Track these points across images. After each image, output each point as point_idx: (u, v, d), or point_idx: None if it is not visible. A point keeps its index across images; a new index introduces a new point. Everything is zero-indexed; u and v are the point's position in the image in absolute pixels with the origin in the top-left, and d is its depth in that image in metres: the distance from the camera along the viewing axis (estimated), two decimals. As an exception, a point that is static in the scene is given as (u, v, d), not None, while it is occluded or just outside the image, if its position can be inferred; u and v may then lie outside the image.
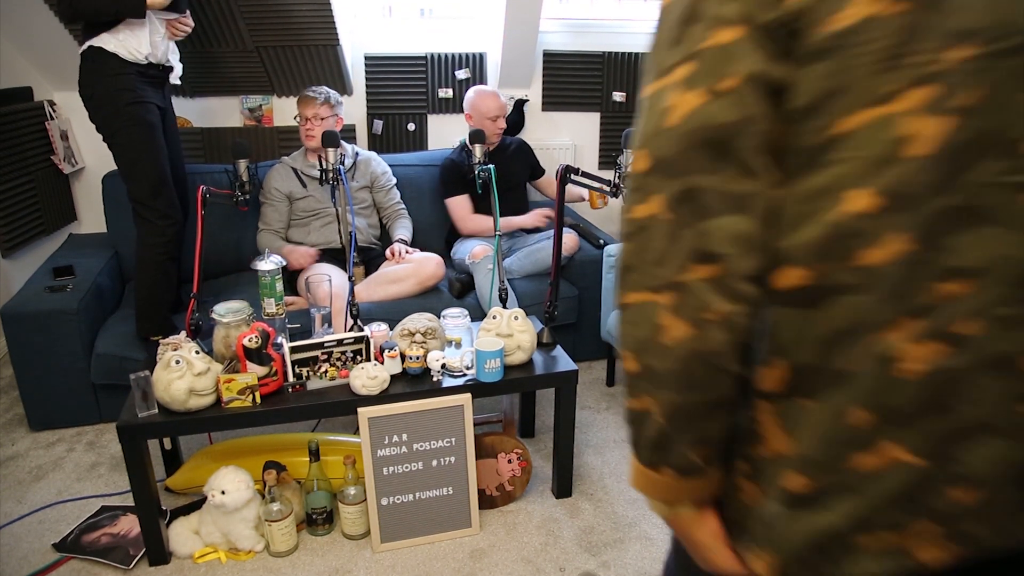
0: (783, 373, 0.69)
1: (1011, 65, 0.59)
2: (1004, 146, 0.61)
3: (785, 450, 0.70)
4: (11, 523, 2.10)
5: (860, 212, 0.62)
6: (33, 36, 2.90)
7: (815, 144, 0.63)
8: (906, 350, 0.64)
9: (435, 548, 2.01)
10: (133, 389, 1.82)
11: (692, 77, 0.64)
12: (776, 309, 0.68)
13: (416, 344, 2.03)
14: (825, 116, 0.62)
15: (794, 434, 0.69)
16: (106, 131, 2.39)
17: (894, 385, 0.65)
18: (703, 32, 0.64)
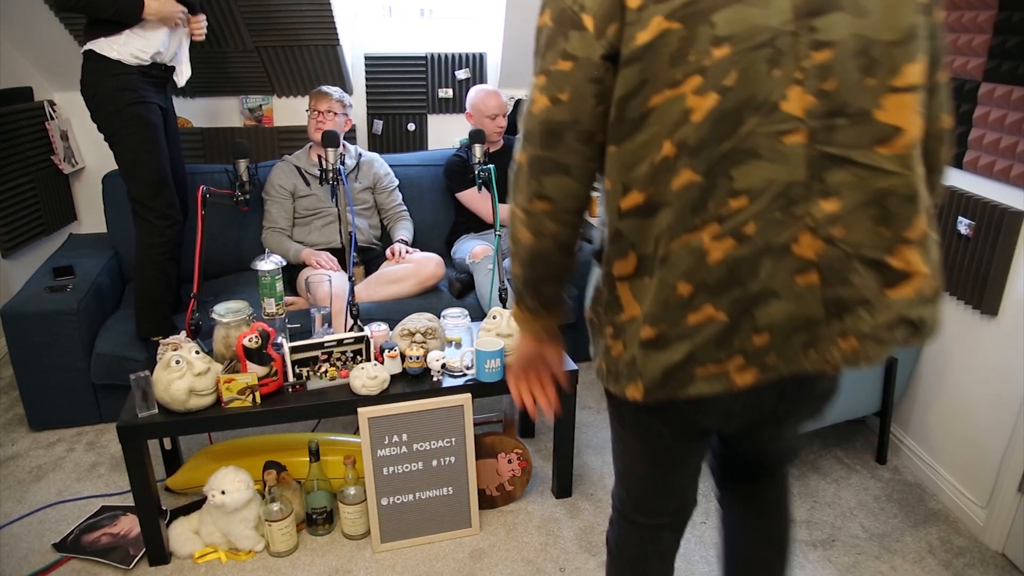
0: (633, 261, 1.02)
1: (759, 54, 0.90)
2: (761, 107, 0.91)
3: (637, 313, 1.02)
4: (11, 523, 2.10)
5: (666, 156, 0.95)
6: (33, 36, 2.90)
7: (637, 115, 0.95)
8: (710, 244, 0.95)
9: (435, 548, 2.01)
10: (133, 389, 1.82)
11: (544, 86, 0.99)
12: (627, 220, 1.00)
13: (416, 344, 2.03)
14: (641, 97, 0.94)
15: (642, 302, 1.02)
16: (107, 131, 2.39)
17: (704, 267, 0.96)
18: (553, 58, 0.97)
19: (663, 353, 1.00)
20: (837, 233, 0.95)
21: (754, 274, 0.95)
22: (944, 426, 2.22)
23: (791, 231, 0.94)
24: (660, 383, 1.02)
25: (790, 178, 0.93)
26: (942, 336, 2.23)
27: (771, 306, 0.96)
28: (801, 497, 2.24)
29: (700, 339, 0.98)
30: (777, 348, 0.98)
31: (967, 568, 1.96)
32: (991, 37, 1.94)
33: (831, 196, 0.94)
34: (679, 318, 0.98)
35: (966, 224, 2.03)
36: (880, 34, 0.92)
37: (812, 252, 0.95)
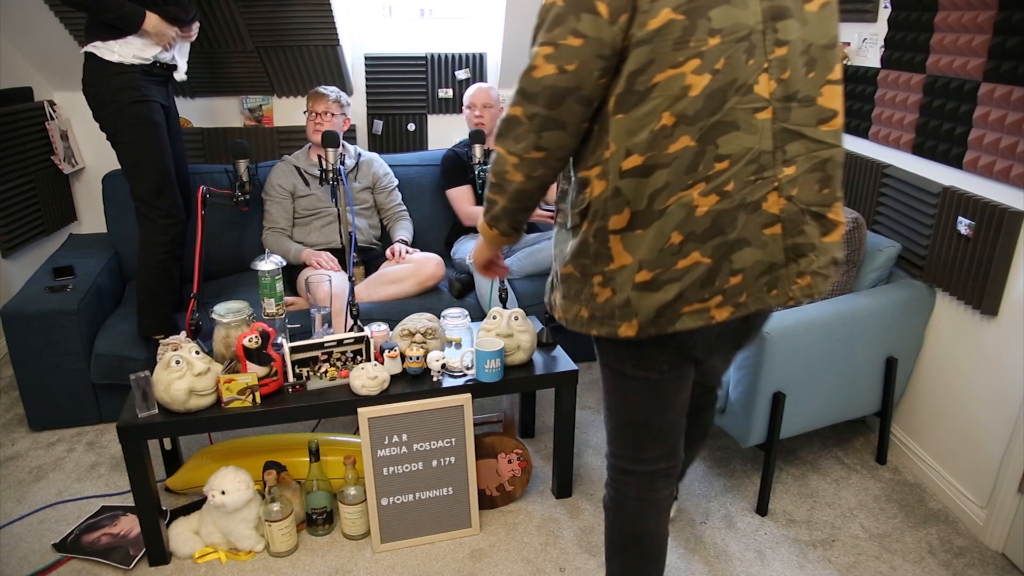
0: (627, 216, 1.20)
1: (740, 46, 1.13)
2: (740, 88, 1.14)
3: (628, 261, 1.21)
4: (11, 523, 2.10)
5: (664, 125, 1.14)
6: (33, 36, 2.90)
7: (643, 89, 1.14)
8: (698, 200, 1.16)
9: (435, 548, 2.01)
10: (133, 389, 1.82)
11: (550, 56, 1.13)
12: (626, 180, 1.18)
13: (416, 344, 2.03)
14: (647, 74, 1.13)
15: (634, 252, 1.20)
16: (109, 130, 2.39)
17: (693, 219, 1.17)
18: (563, 33, 1.12)
19: (656, 294, 1.21)
20: (795, 193, 1.20)
21: (732, 225, 1.18)
22: (944, 426, 2.22)
23: (763, 191, 1.18)
24: (652, 320, 1.23)
25: (761, 147, 1.17)
26: (942, 336, 2.23)
27: (744, 252, 1.19)
28: (801, 497, 2.24)
29: (688, 280, 1.20)
30: (748, 288, 1.22)
31: (967, 568, 1.96)
32: (991, 37, 1.94)
33: (790, 163, 1.19)
34: (671, 264, 1.19)
35: (966, 224, 2.03)
36: (817, 39, 1.19)
37: (777, 208, 1.19)
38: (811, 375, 2.09)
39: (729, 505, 2.21)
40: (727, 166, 1.15)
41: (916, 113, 2.26)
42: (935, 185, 2.16)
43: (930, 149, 2.20)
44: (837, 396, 2.19)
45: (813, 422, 2.20)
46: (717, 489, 2.28)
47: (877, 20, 2.48)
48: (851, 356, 2.14)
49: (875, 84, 2.46)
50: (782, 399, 2.04)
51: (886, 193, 2.40)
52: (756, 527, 2.11)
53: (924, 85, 2.22)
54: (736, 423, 2.11)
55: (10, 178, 2.88)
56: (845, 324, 2.09)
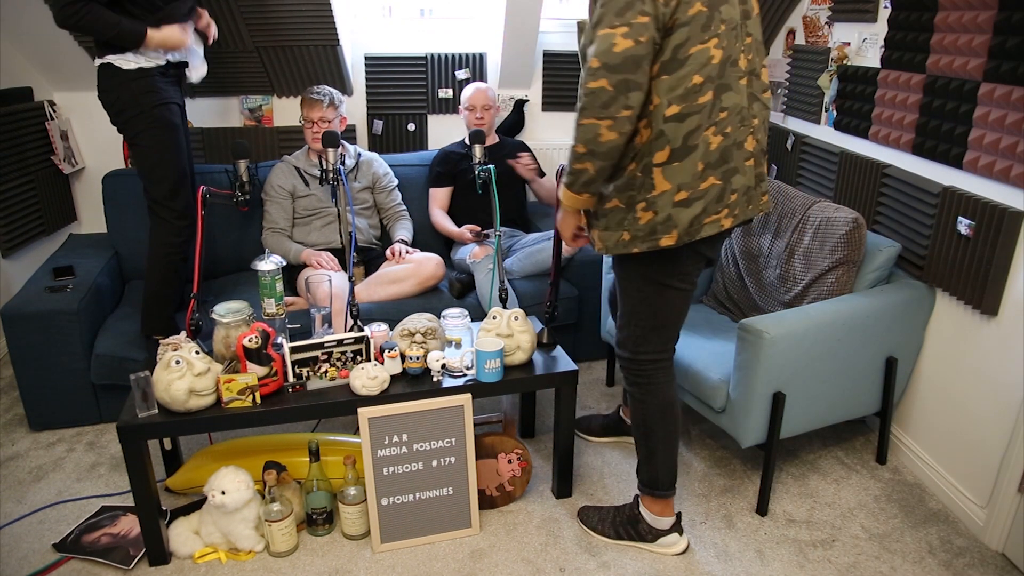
0: (667, 152, 1.58)
1: (733, 32, 1.58)
2: (735, 62, 1.60)
3: (668, 187, 1.61)
4: (11, 523, 2.10)
5: (695, 83, 1.54)
6: (33, 36, 2.90)
7: (683, 57, 1.53)
8: (712, 138, 1.59)
9: (435, 548, 2.01)
10: (133, 389, 1.82)
11: (627, 33, 1.47)
12: (668, 124, 1.56)
13: (416, 344, 2.03)
14: (686, 47, 1.53)
15: (672, 179, 1.60)
16: (129, 132, 2.40)
17: (709, 152, 1.60)
18: (634, 15, 1.47)
19: (688, 209, 1.62)
20: (759, 137, 1.69)
21: (731, 157, 1.63)
22: (944, 426, 2.22)
23: (744, 134, 1.65)
24: (687, 230, 1.64)
25: (743, 103, 1.63)
26: (942, 336, 2.23)
27: (737, 177, 1.65)
28: (801, 497, 2.24)
29: (708, 198, 1.63)
30: (740, 203, 1.67)
31: (967, 568, 1.96)
32: (991, 37, 1.94)
33: (755, 117, 1.67)
34: (697, 185, 1.61)
35: (966, 224, 2.03)
36: (757, 36, 1.67)
37: (751, 147, 1.67)
38: (811, 375, 2.09)
39: (729, 505, 2.21)
40: (727, 115, 1.60)
41: (916, 113, 2.26)
42: (935, 185, 2.16)
43: (930, 149, 2.20)
44: (837, 396, 2.19)
45: (813, 422, 2.20)
46: (717, 489, 2.28)
47: (877, 20, 2.48)
48: (851, 356, 2.14)
49: (875, 84, 2.46)
50: (782, 399, 2.04)
51: (886, 193, 2.40)
52: (756, 527, 2.11)
53: (924, 85, 2.22)
54: (736, 423, 2.10)
55: (10, 178, 2.88)
56: (845, 324, 2.09)
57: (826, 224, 2.28)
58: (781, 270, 2.42)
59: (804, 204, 2.42)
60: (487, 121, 3.08)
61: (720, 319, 2.57)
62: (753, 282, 2.54)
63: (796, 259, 2.36)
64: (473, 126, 3.10)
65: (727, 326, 2.50)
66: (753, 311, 2.50)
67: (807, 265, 2.32)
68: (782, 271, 2.41)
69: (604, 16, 1.47)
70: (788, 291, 2.37)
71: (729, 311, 2.60)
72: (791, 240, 2.40)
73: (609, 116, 1.50)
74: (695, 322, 2.51)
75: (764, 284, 2.49)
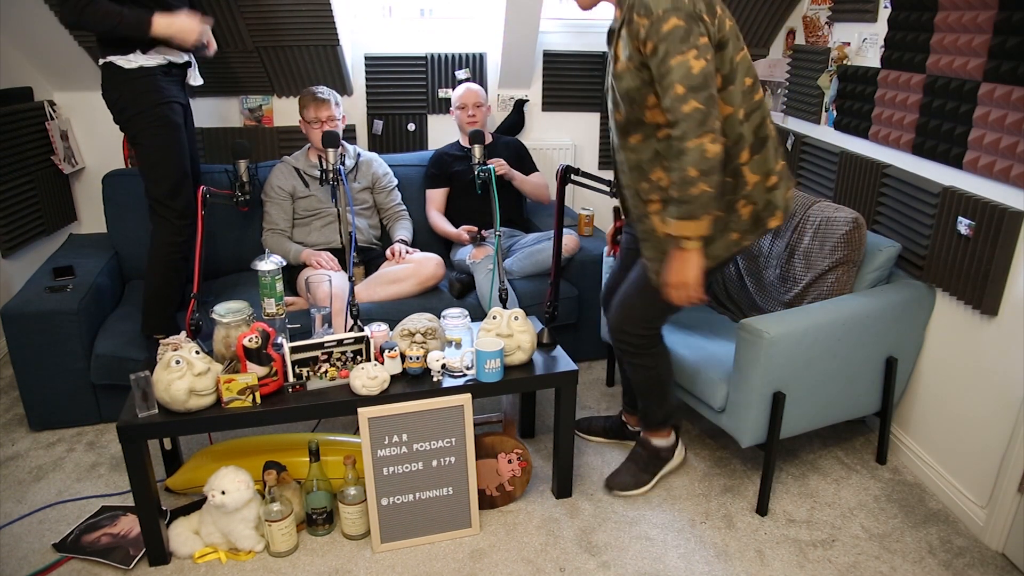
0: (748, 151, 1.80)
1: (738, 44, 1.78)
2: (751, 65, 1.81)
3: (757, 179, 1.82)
4: (11, 523, 2.10)
5: (748, 84, 1.77)
6: (33, 36, 2.90)
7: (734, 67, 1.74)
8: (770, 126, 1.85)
9: (435, 548, 2.01)
10: (133, 389, 1.82)
11: (697, 55, 1.63)
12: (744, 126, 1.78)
13: (416, 344, 2.03)
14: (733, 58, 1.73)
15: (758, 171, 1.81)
16: (131, 131, 2.40)
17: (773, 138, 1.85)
18: (696, 38, 1.63)
19: (780, 190, 1.85)
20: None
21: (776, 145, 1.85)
22: (944, 426, 2.22)
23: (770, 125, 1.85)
24: (784, 208, 1.86)
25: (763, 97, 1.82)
26: (942, 336, 2.23)
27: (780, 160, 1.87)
28: (801, 497, 2.24)
29: (784, 175, 1.86)
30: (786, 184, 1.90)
31: (967, 568, 1.96)
32: (991, 37, 1.94)
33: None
34: (776, 168, 1.84)
35: (966, 224, 2.03)
36: None
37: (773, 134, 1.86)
38: (811, 375, 2.09)
39: (729, 505, 2.21)
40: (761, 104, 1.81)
41: (916, 113, 2.26)
42: (935, 185, 2.16)
43: (930, 149, 2.20)
44: (837, 396, 2.19)
45: (813, 422, 2.20)
46: (717, 489, 2.28)
47: (877, 20, 2.48)
48: (851, 356, 2.14)
49: (875, 84, 2.46)
50: (782, 399, 2.04)
51: (886, 193, 2.40)
52: (756, 527, 2.11)
53: (924, 85, 2.22)
54: (736, 423, 2.10)
55: (10, 178, 2.88)
56: (845, 324, 2.09)
57: (826, 224, 2.28)
58: (781, 270, 2.42)
59: (804, 204, 2.42)
60: (479, 119, 3.09)
61: (720, 319, 2.57)
62: (753, 282, 2.54)
63: (796, 259, 2.36)
64: (467, 125, 3.10)
65: (727, 326, 2.50)
66: (753, 311, 2.50)
67: (807, 265, 2.32)
68: (782, 271, 2.41)
69: (670, 47, 1.62)
70: (788, 291, 2.37)
71: (729, 311, 2.60)
72: (791, 240, 2.40)
73: (710, 130, 1.63)
74: (695, 322, 2.51)
75: (764, 284, 2.49)
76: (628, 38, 1.72)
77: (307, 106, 2.81)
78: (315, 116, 2.79)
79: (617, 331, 2.05)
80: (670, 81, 1.62)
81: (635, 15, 1.67)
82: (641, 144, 1.83)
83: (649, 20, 1.63)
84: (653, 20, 1.62)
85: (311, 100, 2.80)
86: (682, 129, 1.63)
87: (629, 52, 1.73)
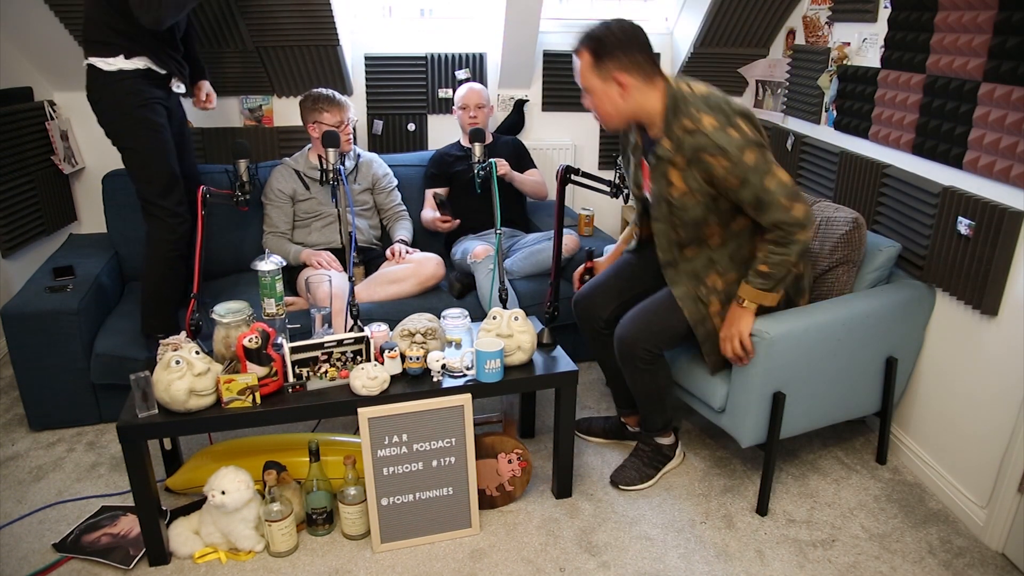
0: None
1: None
2: None
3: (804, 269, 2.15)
4: (11, 523, 2.10)
5: None
6: (33, 36, 2.90)
7: None
8: None
9: (435, 548, 2.01)
10: (133, 389, 1.82)
11: (778, 169, 1.84)
12: None
13: (416, 344, 2.03)
14: None
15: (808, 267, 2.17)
16: (113, 135, 2.41)
17: None
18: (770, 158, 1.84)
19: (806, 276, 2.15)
20: None
21: None
22: (944, 426, 2.22)
23: None
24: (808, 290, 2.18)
25: None
26: (942, 336, 2.23)
27: None
28: (801, 497, 2.24)
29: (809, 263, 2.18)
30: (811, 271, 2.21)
31: (967, 568, 1.96)
32: (991, 37, 1.94)
33: None
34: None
35: (966, 224, 2.03)
36: None
37: None
38: (811, 375, 2.09)
39: (729, 505, 2.21)
40: None
41: (916, 113, 2.26)
42: (935, 185, 2.16)
43: (930, 149, 2.20)
44: (837, 396, 2.19)
45: (813, 422, 2.20)
46: (717, 489, 2.28)
47: (877, 20, 2.48)
48: (851, 356, 2.14)
49: (875, 84, 2.46)
50: (782, 399, 2.04)
51: (886, 193, 2.40)
52: (756, 527, 2.11)
53: (924, 85, 2.22)
54: (736, 423, 2.11)
55: (10, 178, 2.88)
56: (845, 324, 2.09)
57: (826, 224, 2.28)
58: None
59: (804, 204, 2.42)
60: (481, 120, 3.09)
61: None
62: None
63: (796, 259, 2.36)
64: (468, 126, 3.10)
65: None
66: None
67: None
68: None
69: (760, 176, 1.81)
70: (788, 291, 2.37)
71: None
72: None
73: (813, 226, 1.89)
74: (695, 322, 2.51)
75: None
76: (694, 173, 1.86)
77: (325, 111, 2.77)
78: (340, 119, 2.78)
79: (631, 343, 2.08)
80: (772, 198, 1.81)
81: (706, 156, 1.81)
82: (696, 255, 2.04)
83: (728, 160, 1.78)
84: (733, 160, 1.78)
85: (329, 105, 2.76)
86: (798, 228, 1.84)
87: (697, 186, 1.87)
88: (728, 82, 3.63)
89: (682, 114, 1.82)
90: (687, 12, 3.42)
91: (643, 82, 1.86)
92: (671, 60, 3.65)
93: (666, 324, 2.07)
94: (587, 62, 1.87)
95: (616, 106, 1.90)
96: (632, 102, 1.88)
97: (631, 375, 2.15)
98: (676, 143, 1.84)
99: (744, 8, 3.17)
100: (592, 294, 2.32)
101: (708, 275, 2.04)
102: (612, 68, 1.84)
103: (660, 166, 1.92)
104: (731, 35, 3.33)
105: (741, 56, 3.46)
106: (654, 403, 2.21)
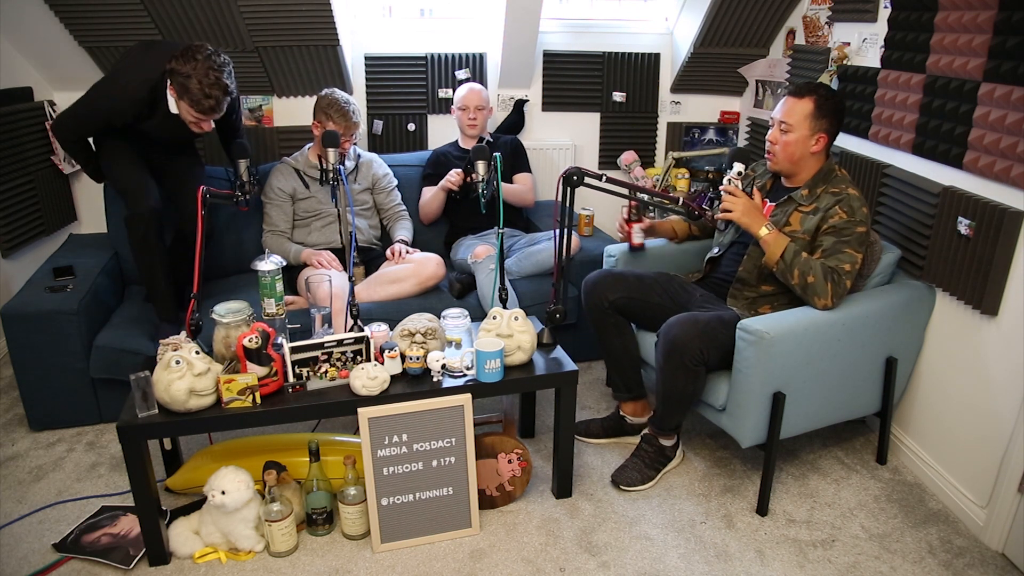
0: None
1: None
2: None
3: None
4: (11, 523, 2.10)
5: None
6: (33, 36, 2.90)
7: None
8: None
9: (435, 548, 2.01)
10: (133, 389, 1.82)
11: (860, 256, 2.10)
12: None
13: (416, 344, 2.03)
14: None
15: None
16: None
17: None
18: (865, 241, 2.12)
19: None
20: None
21: None
22: (944, 426, 2.22)
23: None
24: None
25: None
26: (942, 336, 2.23)
27: None
28: (801, 497, 2.24)
29: None
30: None
31: (967, 568, 1.96)
32: (991, 37, 1.94)
33: None
34: None
35: (966, 224, 2.03)
36: None
37: None
38: (811, 375, 2.09)
39: (729, 505, 2.21)
40: None
41: (916, 113, 2.26)
42: (935, 185, 2.16)
43: (930, 149, 2.20)
44: (837, 396, 2.19)
45: (813, 422, 2.20)
46: (717, 489, 2.28)
47: (877, 20, 2.48)
48: (851, 356, 2.14)
49: (875, 84, 2.46)
50: (782, 399, 2.04)
51: (886, 193, 2.40)
52: (756, 527, 2.11)
53: (924, 85, 2.22)
54: (736, 423, 2.10)
55: (10, 178, 2.88)
56: (845, 324, 2.09)
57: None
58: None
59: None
60: (479, 122, 3.09)
61: (720, 319, 2.57)
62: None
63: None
64: (467, 127, 3.10)
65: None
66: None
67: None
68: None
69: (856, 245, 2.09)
70: (788, 291, 2.38)
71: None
72: (791, 240, 2.40)
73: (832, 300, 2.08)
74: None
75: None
76: (813, 219, 2.13)
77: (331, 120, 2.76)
78: (348, 130, 2.78)
79: (686, 340, 2.06)
80: (843, 260, 2.06)
81: (838, 207, 2.09)
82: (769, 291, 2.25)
83: (849, 218, 2.07)
84: (852, 221, 2.07)
85: (339, 117, 2.75)
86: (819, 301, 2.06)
87: (808, 228, 2.13)
88: (728, 82, 3.63)
89: (832, 183, 2.15)
90: (687, 12, 3.42)
91: (823, 149, 2.17)
92: (671, 60, 3.65)
93: (722, 336, 2.10)
94: (809, 109, 2.12)
95: (802, 153, 2.16)
96: (810, 156, 2.17)
97: (671, 371, 2.11)
98: (813, 196, 2.16)
99: (744, 8, 3.17)
100: (606, 277, 2.37)
101: (763, 306, 2.25)
102: (824, 126, 2.13)
103: (786, 206, 2.22)
104: (731, 35, 3.33)
105: (741, 56, 3.46)
106: (678, 405, 2.20)
